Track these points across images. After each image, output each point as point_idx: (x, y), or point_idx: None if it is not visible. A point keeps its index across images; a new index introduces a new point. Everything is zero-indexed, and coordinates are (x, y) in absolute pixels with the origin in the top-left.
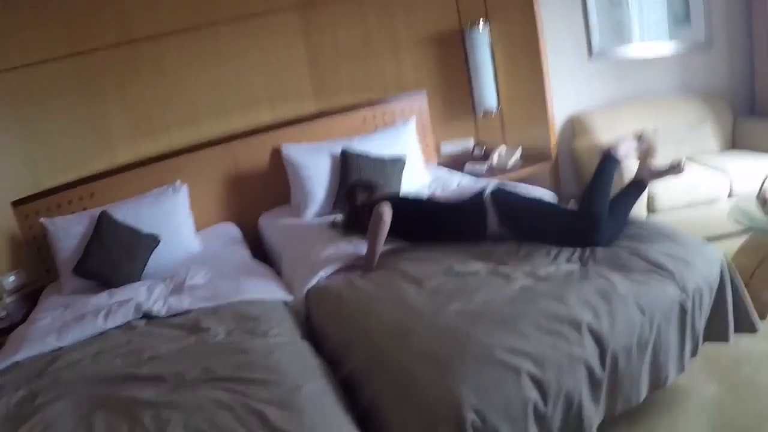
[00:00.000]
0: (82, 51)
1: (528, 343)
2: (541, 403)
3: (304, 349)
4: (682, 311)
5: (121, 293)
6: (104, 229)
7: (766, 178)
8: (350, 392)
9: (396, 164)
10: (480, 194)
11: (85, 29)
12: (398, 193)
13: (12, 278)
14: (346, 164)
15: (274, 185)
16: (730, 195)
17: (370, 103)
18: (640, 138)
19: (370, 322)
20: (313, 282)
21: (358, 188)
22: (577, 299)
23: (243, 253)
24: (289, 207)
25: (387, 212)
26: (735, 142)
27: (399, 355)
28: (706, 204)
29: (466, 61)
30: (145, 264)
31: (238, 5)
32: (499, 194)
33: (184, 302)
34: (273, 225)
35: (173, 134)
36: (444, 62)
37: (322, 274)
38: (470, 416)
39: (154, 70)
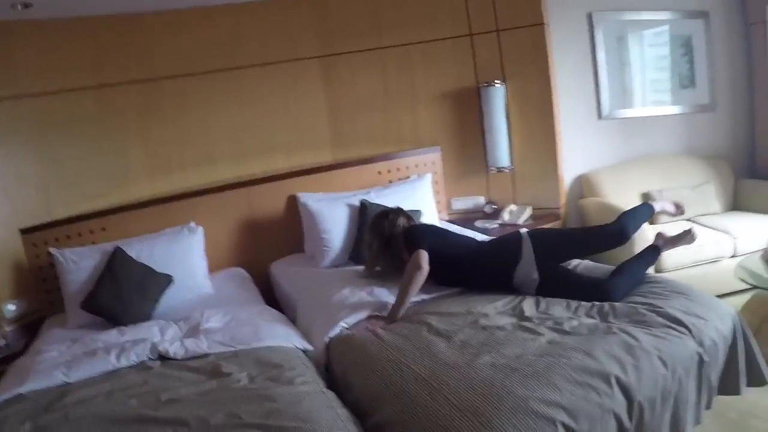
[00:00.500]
0: (108, 83)
1: (561, 395)
2: None
3: (332, 398)
4: (700, 364)
5: (133, 332)
6: (118, 264)
7: None
8: None
9: (413, 216)
10: (517, 232)
11: (112, 61)
12: (429, 225)
13: (13, 306)
14: (364, 216)
15: (287, 233)
16: (733, 255)
17: (386, 157)
18: (678, 206)
19: (400, 374)
20: (335, 331)
21: (390, 215)
22: (604, 353)
23: (257, 299)
24: (303, 255)
25: (425, 261)
26: (736, 203)
27: (434, 407)
28: (711, 263)
29: (481, 118)
30: (157, 303)
31: (263, 52)
32: (534, 231)
33: (202, 345)
34: (286, 273)
35: (189, 174)
36: (459, 119)
37: (344, 324)
38: None
39: (176, 109)
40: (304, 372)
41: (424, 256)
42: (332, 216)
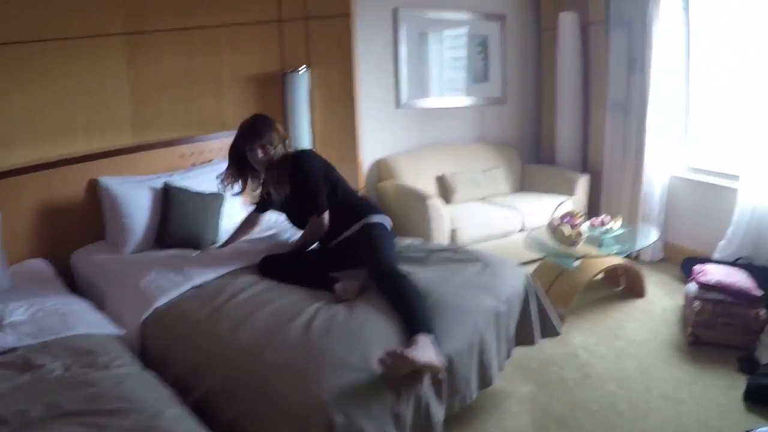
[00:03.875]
0: None
1: (377, 350)
2: (396, 403)
3: (150, 377)
4: (497, 318)
5: None
6: None
7: (554, 211)
8: (203, 416)
9: (215, 200)
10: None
11: None
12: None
13: None
14: (167, 199)
15: (89, 220)
16: (521, 229)
17: (189, 140)
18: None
19: (219, 345)
20: (149, 312)
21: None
22: None
23: (60, 289)
24: (105, 243)
25: (326, 221)
26: (523, 185)
27: (258, 371)
28: (502, 237)
29: (285, 103)
30: None
31: (65, 26)
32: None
33: (7, 339)
34: (90, 261)
35: None
36: (264, 103)
37: (157, 304)
38: (338, 418)
39: None
40: (121, 355)
41: (326, 217)
42: (135, 199)
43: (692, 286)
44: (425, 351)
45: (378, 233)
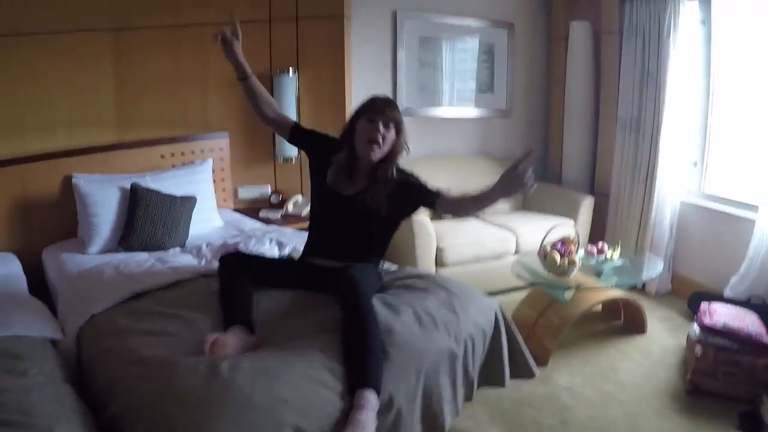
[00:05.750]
0: None
1: (289, 390)
2: None
3: (64, 391)
4: (452, 359)
5: None
6: None
7: (545, 236)
8: None
9: (186, 203)
10: None
11: None
12: None
13: None
14: (134, 199)
15: (62, 216)
16: (516, 251)
17: (172, 140)
18: None
19: (136, 364)
20: (84, 320)
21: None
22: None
23: (20, 287)
24: (76, 241)
25: None
26: (525, 203)
27: (159, 400)
28: (494, 259)
29: None
30: None
31: (50, 19)
32: None
33: None
34: (55, 259)
35: None
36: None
37: (94, 311)
38: None
39: None
40: (44, 363)
41: None
42: (102, 198)
43: (695, 329)
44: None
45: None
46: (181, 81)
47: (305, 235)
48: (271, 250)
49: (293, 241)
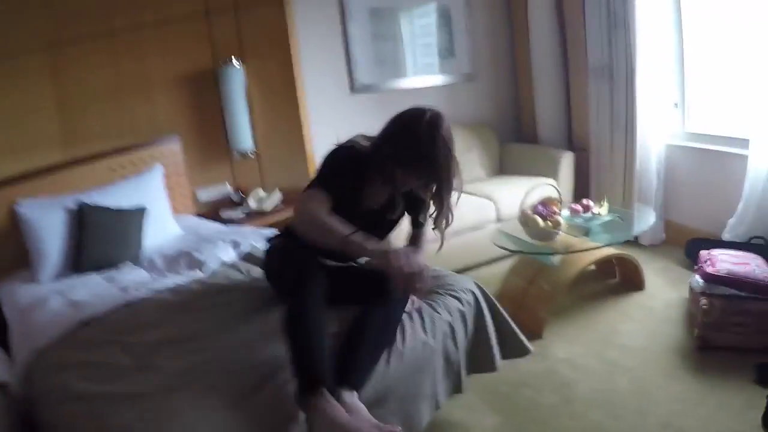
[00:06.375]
0: None
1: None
2: None
3: None
4: (428, 351)
5: None
6: None
7: (523, 199)
8: None
9: (136, 216)
10: None
11: None
12: None
13: None
14: (82, 219)
15: (16, 247)
16: (498, 219)
17: (119, 151)
18: None
19: (76, 397)
20: (30, 357)
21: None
22: None
23: None
24: (30, 271)
25: None
26: (502, 167)
27: None
28: (474, 230)
29: (221, 101)
30: None
31: None
32: None
33: None
34: (9, 292)
35: None
36: (199, 103)
37: (38, 345)
38: None
39: None
40: None
41: None
42: (47, 223)
43: (697, 279)
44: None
45: None
46: (124, 88)
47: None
48: (225, 252)
49: (251, 239)
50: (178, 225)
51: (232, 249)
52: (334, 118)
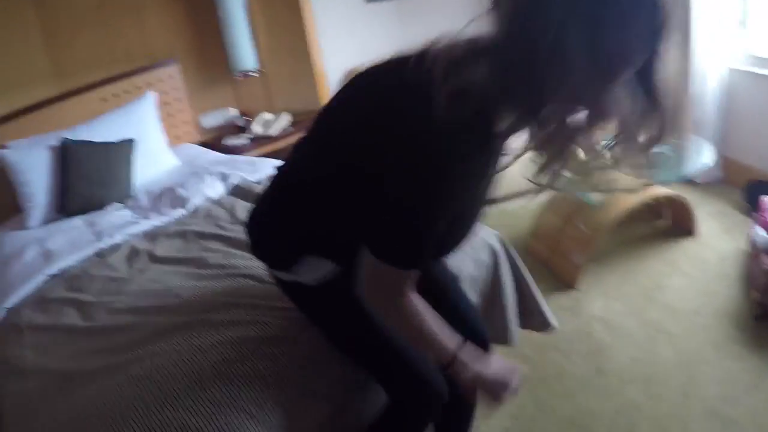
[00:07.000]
0: None
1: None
2: None
3: None
4: None
5: None
6: None
7: None
8: None
9: (123, 149)
10: None
11: None
12: None
13: None
14: (65, 157)
15: (8, 192)
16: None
17: (110, 80)
18: None
19: (22, 371)
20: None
21: None
22: None
23: None
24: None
25: None
26: None
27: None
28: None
29: (219, 17)
30: None
31: None
32: None
33: None
34: (1, 241)
35: None
36: (196, 22)
37: (7, 304)
38: None
39: None
40: None
41: None
42: (30, 165)
43: (759, 232)
44: None
45: None
46: (114, 10)
47: (265, 162)
48: (212, 187)
49: (242, 171)
50: (176, 157)
51: (220, 182)
52: (347, 32)
